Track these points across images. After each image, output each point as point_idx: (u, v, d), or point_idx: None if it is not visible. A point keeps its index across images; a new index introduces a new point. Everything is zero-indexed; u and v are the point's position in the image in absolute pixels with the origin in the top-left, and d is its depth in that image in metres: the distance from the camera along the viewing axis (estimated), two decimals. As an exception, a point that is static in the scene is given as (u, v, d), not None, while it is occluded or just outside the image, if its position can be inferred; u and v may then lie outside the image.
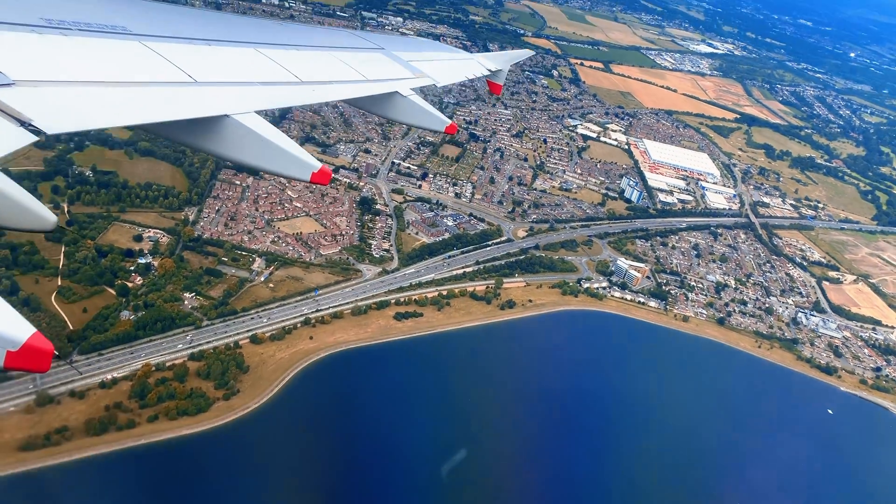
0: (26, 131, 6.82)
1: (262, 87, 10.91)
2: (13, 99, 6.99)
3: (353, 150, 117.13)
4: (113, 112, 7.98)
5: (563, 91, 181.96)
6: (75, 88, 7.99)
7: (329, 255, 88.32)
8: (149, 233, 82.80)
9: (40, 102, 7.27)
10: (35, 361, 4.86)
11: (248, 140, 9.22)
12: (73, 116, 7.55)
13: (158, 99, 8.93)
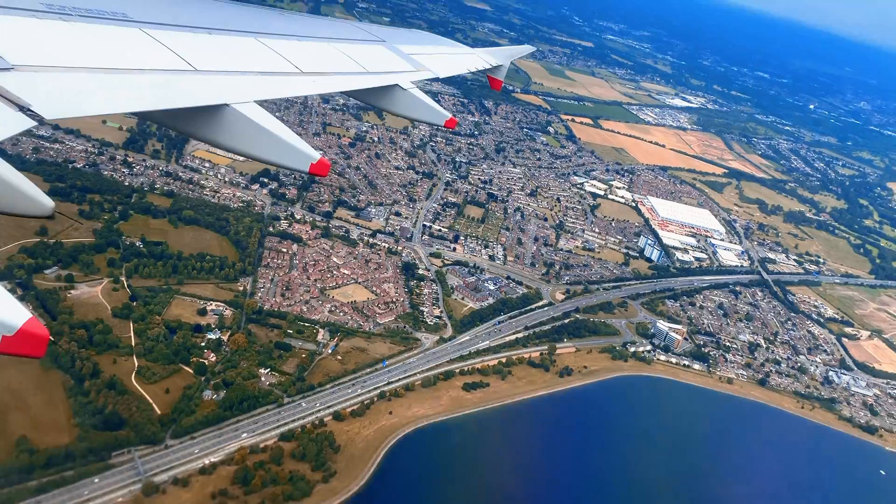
0: (25, 116, 6.85)
1: (263, 76, 11.08)
2: (12, 84, 7.05)
3: (383, 213, 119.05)
4: (112, 98, 8.17)
5: (563, 148, 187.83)
6: (75, 74, 8.09)
7: (386, 323, 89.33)
8: (211, 306, 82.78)
9: (39, 88, 7.31)
10: (31, 346, 4.95)
11: (247, 130, 9.29)
12: (73, 102, 7.65)
13: (158, 86, 8.99)
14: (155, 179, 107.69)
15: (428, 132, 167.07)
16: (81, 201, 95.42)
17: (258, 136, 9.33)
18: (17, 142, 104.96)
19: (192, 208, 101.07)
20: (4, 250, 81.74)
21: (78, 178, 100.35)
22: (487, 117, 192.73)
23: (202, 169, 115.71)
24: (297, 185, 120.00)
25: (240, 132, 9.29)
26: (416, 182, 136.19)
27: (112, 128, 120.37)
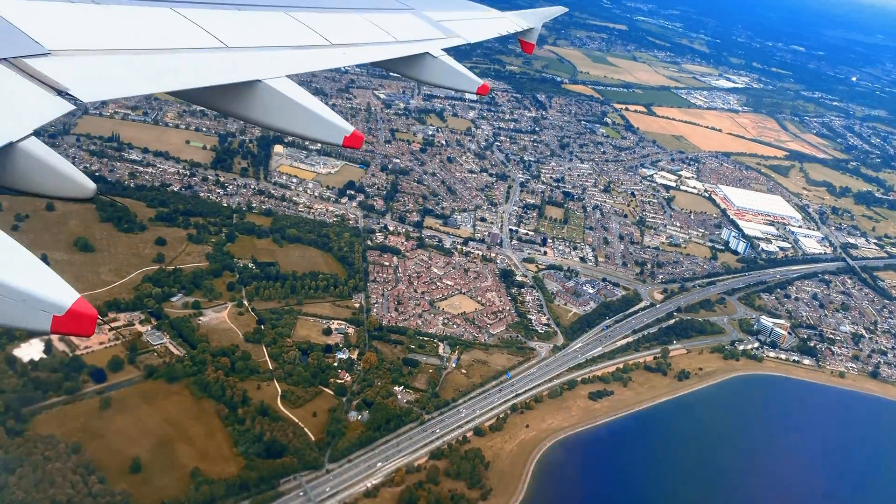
0: (63, 100, 6.96)
1: (293, 50, 11.11)
2: (50, 69, 7.14)
3: (469, 219, 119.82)
4: (147, 79, 8.24)
5: (624, 139, 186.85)
6: (109, 57, 8.21)
7: (498, 333, 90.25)
8: (333, 325, 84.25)
9: (76, 71, 7.41)
10: (80, 326, 5.03)
11: (280, 105, 9.38)
12: (108, 84, 7.75)
13: (191, 65, 9.09)
14: (250, 199, 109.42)
15: (491, 132, 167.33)
16: (187, 225, 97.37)
17: (291, 111, 9.46)
18: (113, 168, 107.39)
19: (293, 226, 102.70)
20: (129, 280, 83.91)
21: (179, 201, 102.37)
22: (544, 111, 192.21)
23: (290, 185, 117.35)
24: (382, 195, 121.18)
25: (273, 107, 9.43)
26: (492, 185, 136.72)
27: (196, 147, 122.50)
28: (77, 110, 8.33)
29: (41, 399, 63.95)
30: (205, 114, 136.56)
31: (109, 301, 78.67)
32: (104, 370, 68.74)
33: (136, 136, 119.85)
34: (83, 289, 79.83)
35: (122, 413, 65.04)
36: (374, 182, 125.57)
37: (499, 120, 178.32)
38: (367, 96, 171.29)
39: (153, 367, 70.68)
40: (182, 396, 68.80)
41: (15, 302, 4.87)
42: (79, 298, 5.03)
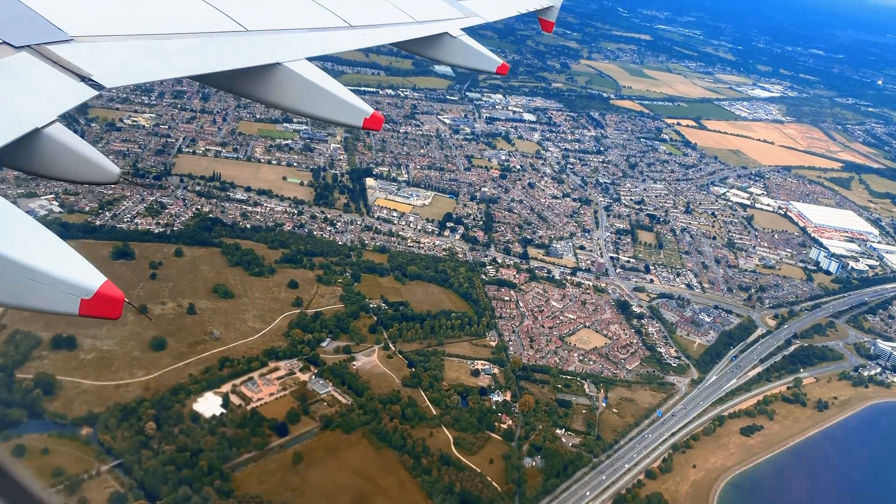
0: (86, 86, 6.97)
1: (313, 32, 11.15)
2: (72, 55, 7.18)
3: (568, 247, 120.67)
4: (169, 64, 8.31)
5: (686, 156, 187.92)
6: (131, 42, 8.27)
7: (635, 368, 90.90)
8: (477, 365, 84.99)
9: (98, 57, 7.44)
10: (108, 309, 5.14)
11: (301, 87, 9.37)
12: (131, 70, 7.80)
13: (212, 49, 9.11)
14: (360, 235, 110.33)
15: (560, 154, 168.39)
16: (311, 266, 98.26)
17: (311, 94, 9.48)
18: (224, 209, 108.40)
19: (410, 263, 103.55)
20: (276, 326, 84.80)
21: (298, 242, 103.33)
22: (602, 130, 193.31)
23: (392, 219, 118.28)
24: (480, 226, 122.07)
25: (293, 90, 9.43)
26: (578, 210, 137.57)
27: (294, 184, 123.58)
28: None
29: (236, 456, 64.71)
30: (291, 148, 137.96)
31: (268, 350, 79.47)
32: (286, 423, 69.45)
33: (235, 174, 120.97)
34: (236, 337, 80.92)
35: (313, 467, 65.80)
36: (468, 212, 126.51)
37: (562, 141, 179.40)
38: (434, 122, 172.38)
39: (328, 417, 71.43)
40: (362, 447, 69.55)
41: (44, 286, 5.04)
42: (106, 281, 5.21)
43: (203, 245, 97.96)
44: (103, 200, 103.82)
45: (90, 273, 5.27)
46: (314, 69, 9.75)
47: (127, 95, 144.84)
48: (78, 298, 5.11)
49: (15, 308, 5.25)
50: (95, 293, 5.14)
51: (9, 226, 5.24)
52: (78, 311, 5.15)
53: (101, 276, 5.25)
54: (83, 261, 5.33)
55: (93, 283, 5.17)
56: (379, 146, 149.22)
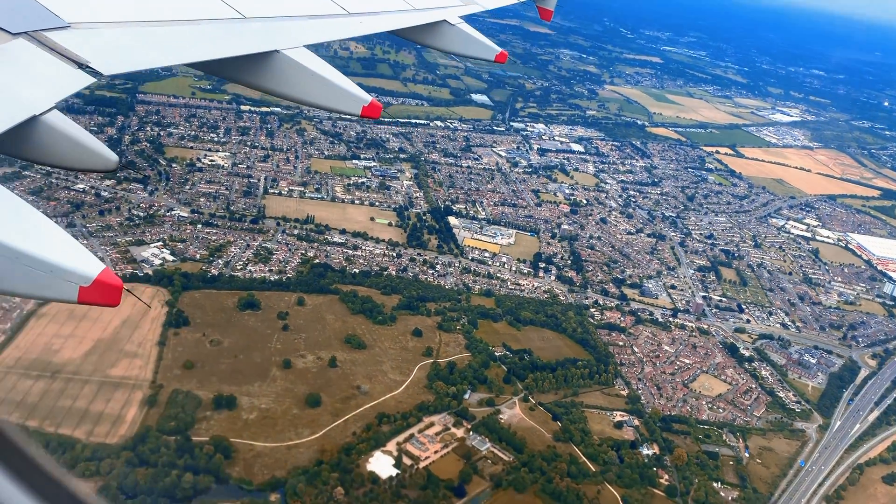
0: (84, 73, 6.98)
1: (310, 20, 11.25)
2: (70, 41, 7.18)
3: (659, 287, 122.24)
4: (167, 51, 8.34)
5: (735, 186, 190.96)
6: (129, 29, 8.27)
7: (762, 415, 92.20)
8: (616, 417, 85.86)
9: (96, 44, 7.45)
10: (107, 296, 5.20)
11: (298, 75, 9.43)
12: (129, 57, 7.81)
13: (210, 37, 9.14)
14: (461, 278, 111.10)
15: (619, 187, 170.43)
16: (428, 313, 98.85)
17: (309, 81, 9.55)
18: (328, 254, 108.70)
19: (518, 307, 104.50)
20: (415, 378, 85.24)
21: (408, 287, 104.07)
22: (649, 160, 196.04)
23: (485, 259, 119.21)
24: (569, 265, 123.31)
25: (291, 78, 9.49)
26: (655, 246, 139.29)
27: (383, 224, 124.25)
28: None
29: (425, 520, 65.03)
30: (368, 186, 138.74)
31: (418, 404, 79.87)
32: (462, 484, 69.82)
33: (325, 216, 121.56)
34: (382, 391, 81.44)
35: (503, 530, 66.21)
36: (554, 251, 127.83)
37: (616, 172, 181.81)
38: (490, 154, 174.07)
39: (498, 476, 71.86)
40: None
41: (43, 273, 5.10)
42: (105, 269, 5.29)
43: (320, 293, 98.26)
44: (210, 246, 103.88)
45: (89, 260, 5.32)
46: (312, 56, 9.86)
47: (196, 133, 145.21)
48: (77, 286, 5.17)
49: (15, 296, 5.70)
50: (94, 280, 5.20)
51: (7, 214, 5.27)
52: (77, 298, 5.20)
53: (100, 263, 5.31)
54: (82, 248, 5.40)
55: (91, 270, 5.23)
56: (448, 182, 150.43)
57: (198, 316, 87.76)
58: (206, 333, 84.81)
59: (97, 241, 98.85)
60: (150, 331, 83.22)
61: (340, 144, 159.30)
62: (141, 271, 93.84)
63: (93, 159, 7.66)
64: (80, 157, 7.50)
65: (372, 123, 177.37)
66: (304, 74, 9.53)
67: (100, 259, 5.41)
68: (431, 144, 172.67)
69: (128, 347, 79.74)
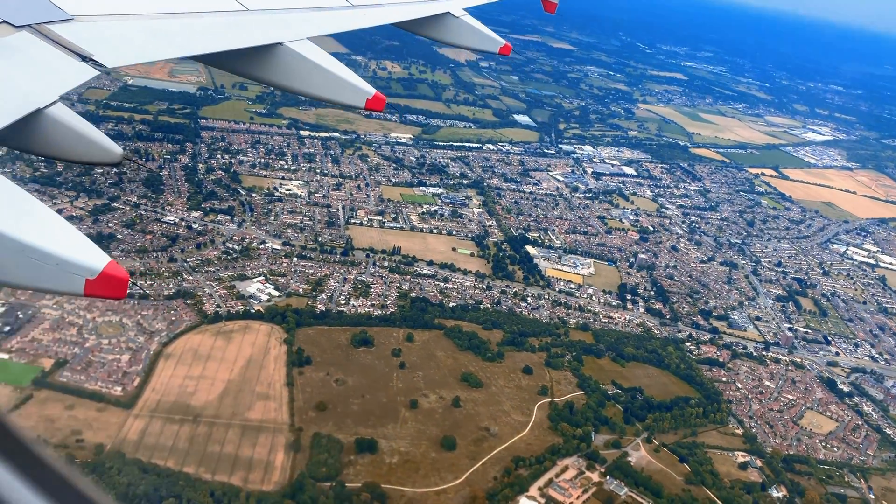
0: (88, 66, 7.01)
1: (314, 12, 11.30)
2: (73, 34, 7.22)
3: (744, 318, 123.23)
4: (170, 44, 8.34)
5: (788, 210, 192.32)
6: (132, 22, 8.31)
7: (876, 453, 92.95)
8: (739, 457, 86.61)
9: (99, 37, 7.49)
10: (113, 288, 5.23)
11: (302, 68, 9.44)
12: (132, 50, 7.84)
13: (214, 29, 9.17)
14: (553, 311, 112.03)
15: (679, 212, 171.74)
16: (532, 349, 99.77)
17: (313, 74, 9.55)
18: (422, 287, 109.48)
19: (618, 342, 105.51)
20: (537, 420, 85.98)
21: (510, 322, 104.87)
22: (700, 183, 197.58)
23: (572, 290, 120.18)
24: (654, 297, 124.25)
25: (295, 70, 9.50)
26: (729, 274, 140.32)
27: (465, 255, 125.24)
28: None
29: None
30: (442, 215, 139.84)
31: (549, 447, 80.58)
32: (612, 531, 70.52)
33: (408, 246, 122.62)
34: (510, 433, 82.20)
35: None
36: (635, 281, 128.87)
37: (671, 196, 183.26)
38: (547, 179, 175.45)
39: (647, 523, 72.62)
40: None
41: (49, 266, 5.16)
42: (110, 262, 5.33)
43: (425, 328, 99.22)
44: (310, 280, 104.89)
45: (95, 253, 5.42)
46: (316, 49, 9.88)
47: (266, 161, 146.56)
48: (83, 278, 5.26)
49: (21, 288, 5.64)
50: (100, 273, 5.28)
51: (13, 207, 5.36)
52: (83, 290, 5.28)
53: (106, 256, 5.39)
54: (88, 241, 5.49)
55: (97, 263, 5.33)
56: (516, 209, 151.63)
57: (316, 354, 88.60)
58: (330, 373, 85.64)
59: (201, 276, 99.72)
60: (275, 371, 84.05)
61: (404, 170, 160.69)
62: (252, 308, 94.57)
63: (97, 152, 7.71)
64: (84, 150, 7.54)
65: (428, 148, 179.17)
66: (308, 67, 9.60)
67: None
68: (490, 169, 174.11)
69: (259, 389, 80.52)
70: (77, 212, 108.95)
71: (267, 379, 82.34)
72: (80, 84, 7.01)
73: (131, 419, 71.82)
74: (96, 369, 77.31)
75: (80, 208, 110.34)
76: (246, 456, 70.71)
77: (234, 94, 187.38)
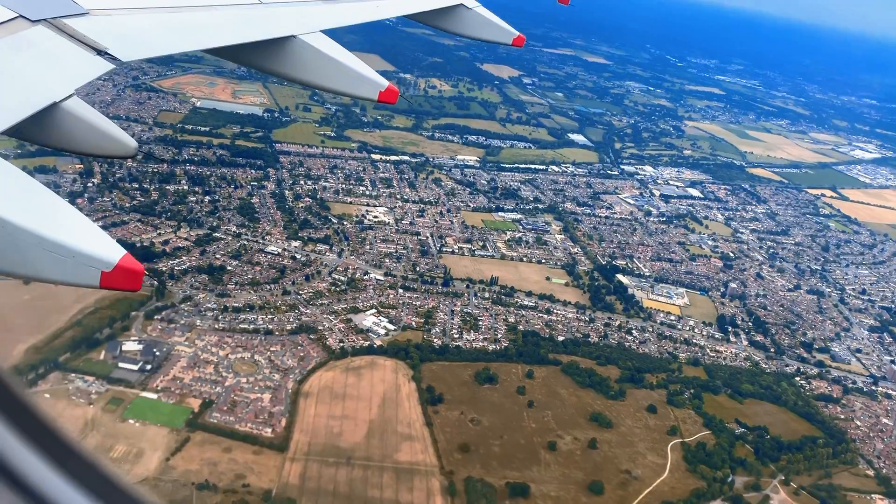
0: (103, 60, 7.12)
1: (327, 4, 11.38)
2: (88, 28, 7.36)
3: (846, 351, 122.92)
4: (184, 37, 8.46)
5: (857, 234, 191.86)
6: (146, 15, 8.42)
7: None
8: (877, 501, 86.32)
9: (114, 31, 7.64)
10: (128, 281, 5.29)
11: (315, 60, 9.54)
12: (147, 43, 7.96)
13: (227, 22, 9.31)
14: (660, 345, 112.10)
15: (754, 237, 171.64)
16: (651, 386, 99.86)
17: (326, 66, 9.67)
18: (528, 319, 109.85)
19: (731, 378, 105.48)
20: (673, 462, 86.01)
21: (623, 357, 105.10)
22: (766, 206, 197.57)
23: (672, 322, 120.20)
24: (753, 328, 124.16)
25: (308, 63, 9.59)
26: (818, 303, 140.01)
27: (559, 284, 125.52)
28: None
29: None
30: (527, 242, 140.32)
31: (694, 491, 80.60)
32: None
33: (502, 275, 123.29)
34: (651, 476, 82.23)
35: None
36: (730, 312, 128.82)
37: (741, 220, 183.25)
38: (619, 203, 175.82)
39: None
40: None
41: (66, 259, 5.26)
42: (125, 254, 5.43)
43: (540, 363, 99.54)
44: (419, 312, 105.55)
45: (110, 246, 5.53)
46: (329, 42, 9.99)
47: (348, 187, 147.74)
48: (99, 271, 5.36)
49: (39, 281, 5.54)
50: (116, 265, 5.38)
51: (30, 200, 5.48)
52: (99, 283, 5.37)
53: (121, 248, 5.51)
54: (103, 234, 5.59)
55: (113, 255, 5.43)
56: (595, 234, 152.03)
57: (445, 391, 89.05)
58: (464, 412, 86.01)
59: (316, 309, 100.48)
60: (411, 409, 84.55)
61: (479, 195, 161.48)
62: (373, 343, 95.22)
63: (113, 145, 7.85)
64: (100, 144, 7.67)
65: (495, 171, 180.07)
66: (321, 60, 9.73)
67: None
68: (560, 192, 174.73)
69: (400, 429, 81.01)
70: (183, 242, 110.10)
71: (405, 418, 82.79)
72: (95, 77, 7.16)
73: (288, 462, 72.38)
74: (242, 409, 77.97)
75: (185, 238, 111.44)
76: (406, 501, 71.08)
77: (299, 115, 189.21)
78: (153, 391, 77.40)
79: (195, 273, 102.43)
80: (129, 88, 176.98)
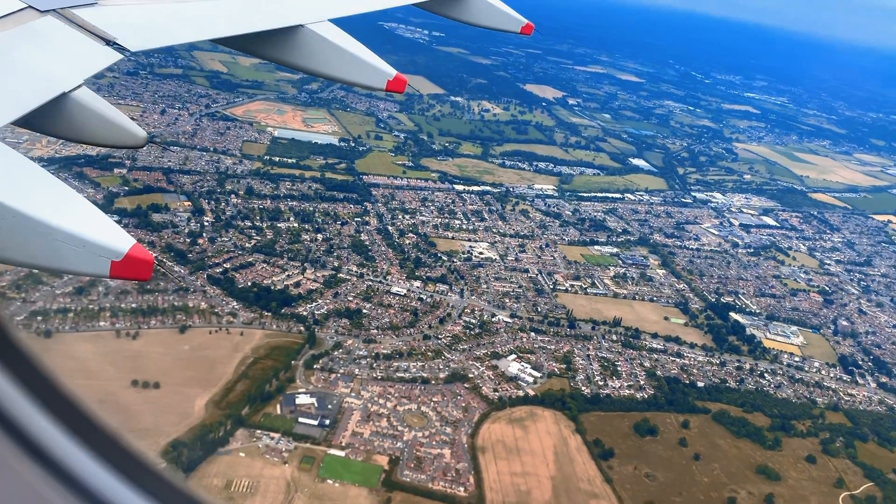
0: (112, 50, 7.20)
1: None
2: (97, 18, 7.44)
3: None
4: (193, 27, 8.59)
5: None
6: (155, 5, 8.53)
7: None
8: None
9: (123, 21, 7.73)
10: (138, 270, 5.36)
11: (324, 49, 9.62)
12: (155, 33, 8.03)
13: (235, 12, 9.46)
14: (796, 390, 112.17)
15: (841, 269, 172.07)
16: (801, 434, 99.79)
17: (334, 55, 9.74)
18: (663, 364, 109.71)
19: (875, 424, 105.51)
20: None
21: (768, 404, 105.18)
22: (839, 234, 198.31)
23: (801, 365, 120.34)
24: (875, 369, 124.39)
25: (316, 52, 9.67)
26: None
27: (678, 324, 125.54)
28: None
29: None
30: (632, 278, 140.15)
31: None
32: None
33: (622, 315, 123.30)
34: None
35: None
36: (847, 351, 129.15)
37: (821, 249, 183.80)
38: (704, 234, 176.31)
39: None
40: None
41: (76, 248, 5.32)
42: (135, 244, 5.53)
43: (690, 412, 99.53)
44: (556, 357, 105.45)
45: (120, 236, 5.62)
46: (337, 31, 10.09)
47: (445, 220, 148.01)
48: (109, 260, 5.43)
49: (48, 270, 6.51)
50: (125, 255, 5.45)
51: (40, 190, 5.53)
52: (109, 272, 5.44)
53: (131, 238, 5.58)
54: (113, 224, 5.63)
55: (123, 245, 5.52)
56: (696, 270, 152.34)
57: (611, 444, 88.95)
58: (637, 467, 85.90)
59: (461, 355, 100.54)
60: (586, 465, 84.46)
61: (569, 227, 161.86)
62: (526, 392, 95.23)
63: (123, 135, 7.91)
64: (110, 134, 7.72)
65: (577, 200, 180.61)
66: (329, 49, 9.82)
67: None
68: (644, 223, 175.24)
69: (582, 486, 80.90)
70: (313, 284, 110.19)
71: (583, 474, 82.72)
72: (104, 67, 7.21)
73: (495, 525, 72.25)
74: (429, 467, 77.85)
75: (313, 280, 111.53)
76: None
77: (373, 144, 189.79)
78: (339, 447, 77.23)
79: (335, 317, 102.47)
80: (205, 118, 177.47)
